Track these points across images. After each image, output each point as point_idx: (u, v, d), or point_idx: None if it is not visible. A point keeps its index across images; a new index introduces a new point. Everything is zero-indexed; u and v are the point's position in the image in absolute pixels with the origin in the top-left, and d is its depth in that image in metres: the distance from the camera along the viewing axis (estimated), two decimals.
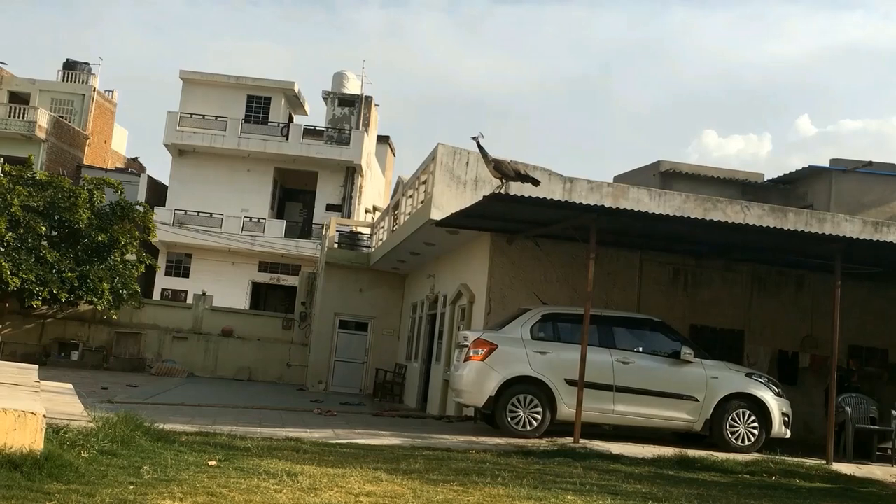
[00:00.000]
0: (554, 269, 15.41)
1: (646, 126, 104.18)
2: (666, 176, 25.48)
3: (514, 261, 15.45)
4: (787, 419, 12.90)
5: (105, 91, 44.91)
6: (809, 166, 26.11)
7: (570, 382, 12.27)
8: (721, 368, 12.94)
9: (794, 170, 26.44)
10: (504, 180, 13.68)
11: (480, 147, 13.46)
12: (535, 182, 13.62)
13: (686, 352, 12.76)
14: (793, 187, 26.42)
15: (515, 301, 14.77)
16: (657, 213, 13.71)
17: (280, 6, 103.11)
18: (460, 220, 14.57)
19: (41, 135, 37.32)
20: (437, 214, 15.31)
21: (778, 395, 12.95)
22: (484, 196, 13.01)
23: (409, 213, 19.04)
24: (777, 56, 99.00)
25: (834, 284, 12.49)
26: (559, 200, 13.41)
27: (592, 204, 13.32)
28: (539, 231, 14.36)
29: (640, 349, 12.96)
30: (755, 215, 15.57)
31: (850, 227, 15.84)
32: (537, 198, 12.31)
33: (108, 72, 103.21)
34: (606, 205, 13.92)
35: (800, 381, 15.98)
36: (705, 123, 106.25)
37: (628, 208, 13.34)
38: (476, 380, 12.62)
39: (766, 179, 27.38)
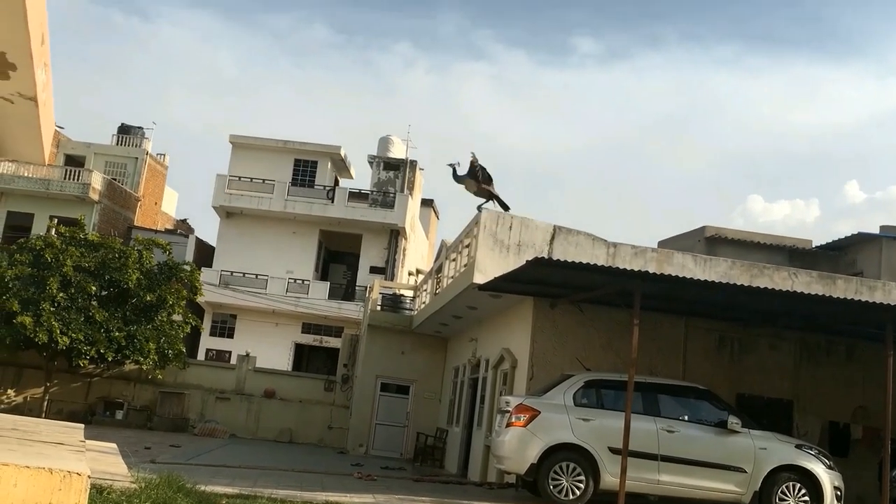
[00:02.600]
0: (597, 334, 15.28)
1: (691, 191, 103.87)
2: (711, 241, 25.26)
3: (558, 326, 15.36)
4: (839, 493, 12.49)
5: (157, 154, 46.14)
6: (858, 233, 25.71)
7: (613, 451, 12.05)
8: (770, 439, 12.63)
9: (842, 236, 26.05)
10: (481, 189, 13.99)
11: (455, 173, 13.89)
12: (505, 207, 13.93)
13: (733, 421, 12.49)
14: (841, 254, 26.00)
15: (558, 366, 14.65)
16: (702, 279, 13.59)
17: (328, 72, 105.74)
18: (503, 285, 14.57)
19: (94, 196, 38.33)
20: (479, 278, 15.35)
21: (829, 467, 12.57)
22: (527, 261, 13.03)
23: (452, 277, 19.10)
24: (824, 121, 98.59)
25: (886, 354, 12.20)
26: (603, 266, 13.38)
27: (636, 269, 13.25)
28: (582, 296, 14.29)
29: (686, 418, 12.72)
30: (803, 282, 15.35)
31: None
32: (581, 263, 12.31)
33: (161, 135, 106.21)
34: (651, 270, 13.83)
35: (852, 453, 15.51)
36: (751, 188, 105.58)
37: (673, 274, 13.25)
38: (518, 446, 12.46)
39: (814, 246, 26.99)
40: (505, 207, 13.90)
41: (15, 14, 6.77)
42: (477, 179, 13.96)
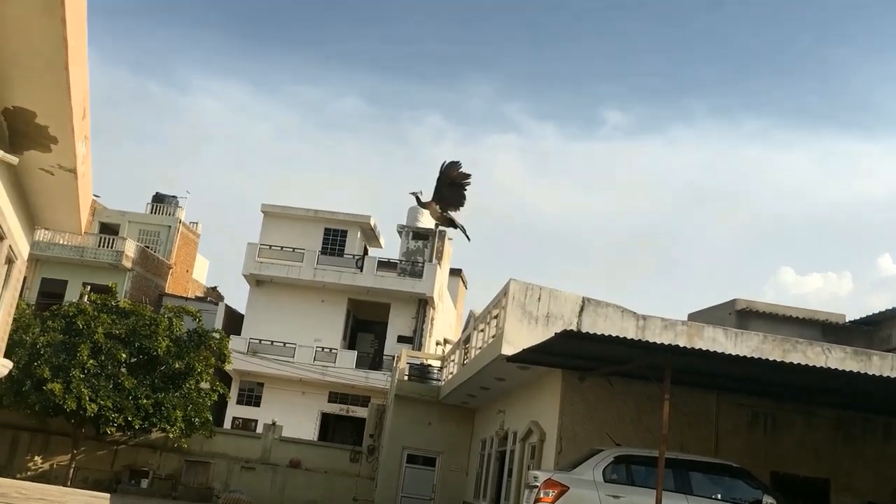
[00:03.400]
0: (627, 408, 15.06)
1: (721, 262, 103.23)
2: (742, 315, 24.97)
3: (587, 399, 15.17)
4: None
5: (190, 222, 46.84)
6: (893, 307, 25.31)
7: None
8: None
9: (877, 311, 25.65)
10: (442, 215, 13.98)
11: (419, 199, 13.95)
12: (464, 232, 13.96)
13: (768, 501, 12.15)
14: (876, 329, 25.56)
15: (587, 441, 14.42)
16: (734, 353, 13.41)
17: (359, 142, 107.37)
18: (531, 356, 14.47)
19: (127, 264, 38.85)
20: (508, 349, 15.26)
21: None
22: (556, 333, 12.95)
23: (480, 348, 19.02)
24: (856, 194, 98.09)
25: None
26: (632, 339, 13.25)
27: (666, 343, 13.12)
28: (612, 369, 14.14)
29: (719, 496, 12.40)
30: (837, 358, 15.09)
31: None
32: (610, 336, 12.20)
33: (194, 203, 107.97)
34: (681, 344, 13.69)
35: None
36: (782, 261, 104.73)
37: (704, 348, 13.09)
38: None
39: (847, 320, 26.58)
40: (466, 237, 14.07)
41: (59, 90, 7.00)
42: (439, 204, 14.00)
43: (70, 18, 6.06)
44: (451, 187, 14.12)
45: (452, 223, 14.22)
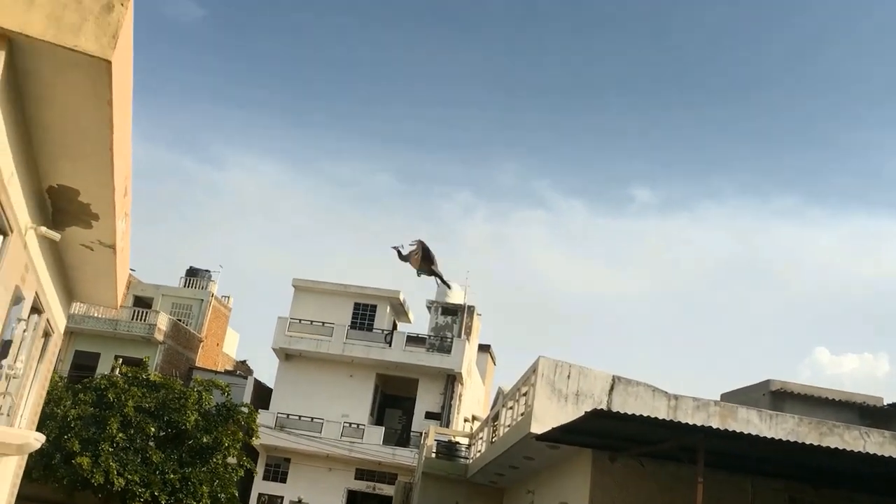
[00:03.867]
0: (659, 490, 14.75)
1: (753, 342, 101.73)
2: (776, 396, 24.50)
3: (617, 480, 14.89)
4: None
5: (222, 296, 47.24)
6: None
7: None
8: None
9: None
10: (422, 266, 14.20)
11: (400, 253, 14.19)
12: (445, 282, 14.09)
13: None
14: None
15: None
16: (769, 436, 13.16)
17: (390, 218, 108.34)
18: (561, 435, 14.28)
19: (159, 337, 39.11)
20: (537, 428, 15.09)
21: None
22: (586, 412, 12.82)
23: (509, 425, 18.81)
24: (890, 273, 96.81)
25: None
26: (664, 420, 13.07)
27: (699, 424, 12.92)
28: (643, 450, 13.92)
29: None
30: (875, 443, 14.74)
31: None
32: (641, 416, 12.05)
33: (226, 277, 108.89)
34: (713, 425, 13.46)
35: None
36: (817, 341, 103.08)
37: (737, 430, 12.86)
38: None
39: (885, 403, 25.96)
40: (446, 284, 14.36)
41: (103, 169, 7.21)
42: (419, 258, 14.48)
43: (117, 101, 6.29)
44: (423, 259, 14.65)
45: (432, 271, 14.70)
